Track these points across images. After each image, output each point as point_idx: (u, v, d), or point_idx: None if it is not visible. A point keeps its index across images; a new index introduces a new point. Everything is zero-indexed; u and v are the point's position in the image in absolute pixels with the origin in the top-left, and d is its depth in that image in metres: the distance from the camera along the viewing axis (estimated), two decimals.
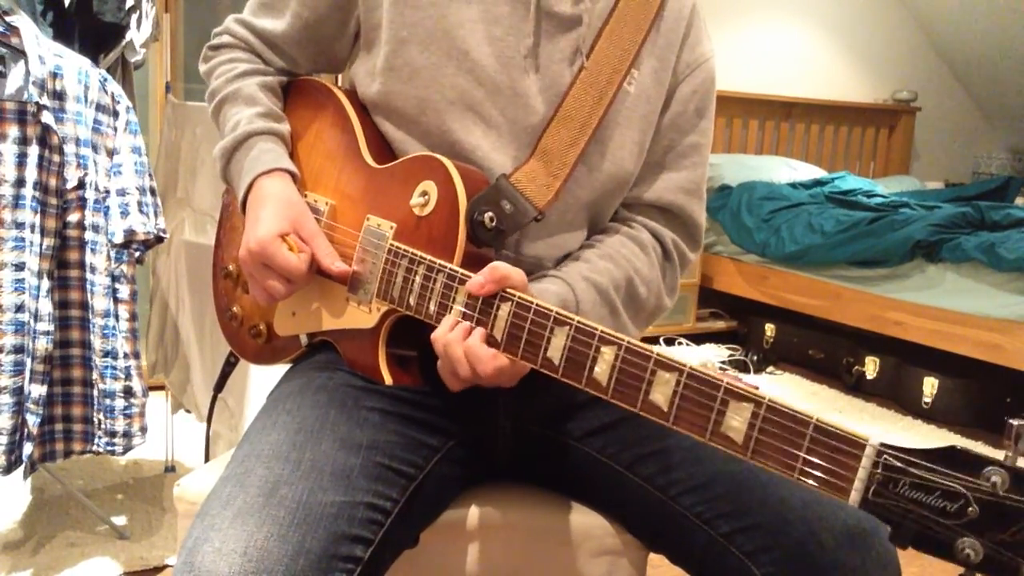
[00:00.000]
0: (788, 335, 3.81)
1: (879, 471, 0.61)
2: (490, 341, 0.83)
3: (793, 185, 4.04)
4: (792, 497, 0.85)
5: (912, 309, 3.16)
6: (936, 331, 3.08)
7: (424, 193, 0.91)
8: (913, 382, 3.25)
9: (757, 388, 0.70)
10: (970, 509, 0.58)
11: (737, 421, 0.68)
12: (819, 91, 4.72)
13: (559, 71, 0.98)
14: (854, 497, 0.62)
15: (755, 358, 3.67)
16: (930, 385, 3.19)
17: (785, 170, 4.22)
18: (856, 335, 3.51)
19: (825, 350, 3.66)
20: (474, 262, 0.86)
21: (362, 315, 0.94)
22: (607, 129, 0.99)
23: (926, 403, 3.19)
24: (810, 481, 0.65)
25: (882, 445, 0.62)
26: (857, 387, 3.47)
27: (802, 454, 0.65)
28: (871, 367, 3.44)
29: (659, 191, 1.06)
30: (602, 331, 0.77)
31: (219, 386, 1.20)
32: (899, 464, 0.61)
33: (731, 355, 3.75)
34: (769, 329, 3.89)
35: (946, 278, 3.10)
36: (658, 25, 1.02)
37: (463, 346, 0.83)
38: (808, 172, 4.29)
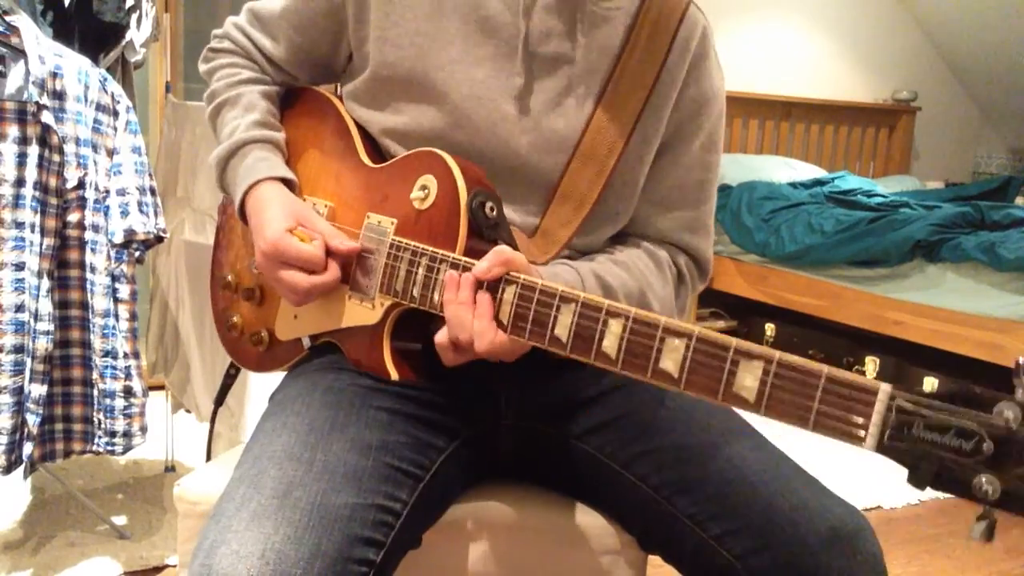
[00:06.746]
0: (788, 335, 3.81)
1: (892, 415, 0.62)
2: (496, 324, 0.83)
3: (793, 185, 4.03)
4: (779, 499, 0.85)
5: (912, 309, 3.15)
6: (936, 331, 3.07)
7: (424, 187, 0.91)
8: (913, 382, 3.22)
9: None
10: (985, 445, 0.58)
11: (749, 379, 0.68)
12: (819, 91, 4.72)
13: (544, 112, 0.98)
14: (869, 443, 0.62)
15: None
16: (930, 385, 3.17)
17: (785, 170, 4.21)
18: (856, 335, 3.51)
19: (825, 350, 3.66)
20: (476, 252, 0.86)
21: (365, 312, 0.94)
22: (605, 199, 0.99)
23: None
24: (825, 431, 0.65)
25: (894, 387, 0.62)
26: None
27: (815, 404, 0.65)
28: (871, 367, 3.42)
29: (664, 232, 1.05)
30: (609, 304, 0.77)
31: (219, 399, 1.21)
32: (911, 406, 0.62)
33: None
34: (769, 329, 3.89)
35: (946, 278, 3.09)
36: (663, 71, 0.99)
37: (472, 315, 0.83)
38: (808, 172, 4.28)
